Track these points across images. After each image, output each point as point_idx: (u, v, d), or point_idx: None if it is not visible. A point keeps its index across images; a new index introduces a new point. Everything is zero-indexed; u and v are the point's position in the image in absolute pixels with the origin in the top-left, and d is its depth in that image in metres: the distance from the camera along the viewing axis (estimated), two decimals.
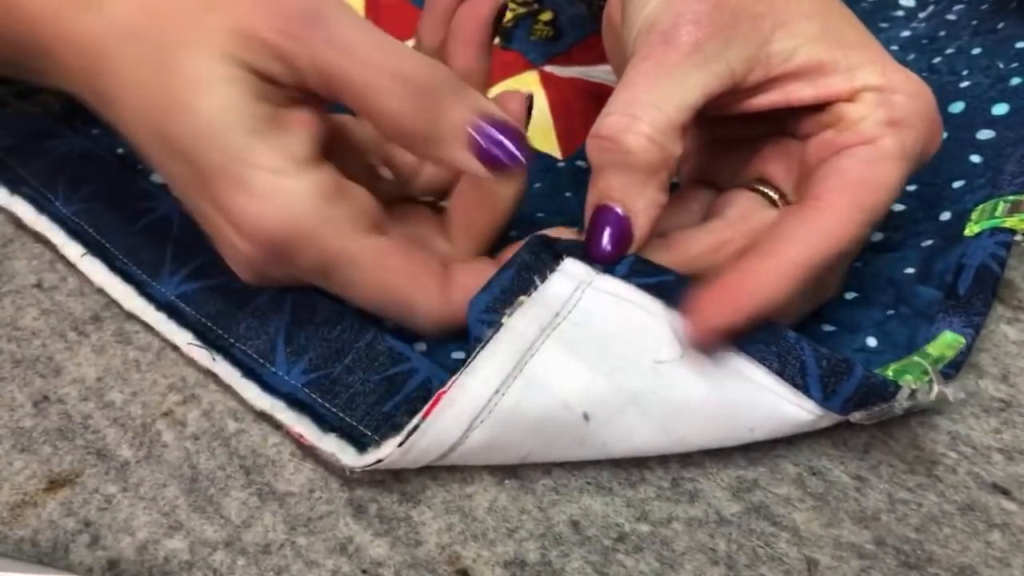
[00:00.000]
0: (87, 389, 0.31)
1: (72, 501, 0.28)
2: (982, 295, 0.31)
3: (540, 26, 0.50)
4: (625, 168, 0.28)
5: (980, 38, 0.45)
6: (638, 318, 0.28)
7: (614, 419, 0.27)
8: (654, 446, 0.28)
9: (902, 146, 0.29)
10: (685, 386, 0.27)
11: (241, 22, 0.27)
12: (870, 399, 0.27)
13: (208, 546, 0.27)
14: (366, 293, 0.29)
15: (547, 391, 0.27)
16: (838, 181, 0.28)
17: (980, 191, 0.36)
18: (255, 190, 0.27)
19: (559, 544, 0.27)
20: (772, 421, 0.28)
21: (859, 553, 0.27)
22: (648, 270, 0.28)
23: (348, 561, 0.27)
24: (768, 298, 0.26)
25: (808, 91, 0.29)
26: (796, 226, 0.28)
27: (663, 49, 0.28)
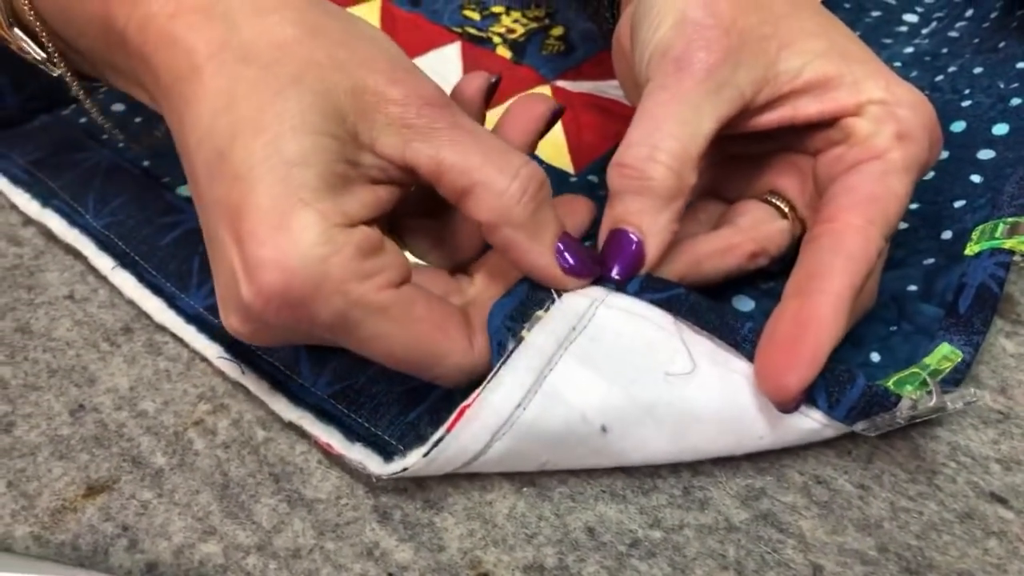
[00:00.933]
0: (120, 398, 0.32)
1: (110, 506, 0.29)
2: (982, 314, 0.32)
3: (552, 41, 0.51)
4: (644, 193, 0.29)
5: (982, 57, 0.46)
6: (650, 332, 0.29)
7: (630, 430, 0.28)
8: (667, 454, 0.29)
9: (909, 158, 0.30)
10: (697, 398, 0.28)
11: (372, 90, 0.27)
12: (872, 409, 0.28)
13: (241, 550, 0.28)
14: (391, 346, 0.28)
15: (566, 405, 0.28)
16: (850, 200, 0.29)
17: (980, 211, 0.37)
18: (295, 226, 0.25)
19: (575, 549, 0.29)
20: (780, 429, 0.29)
21: (862, 559, 0.29)
22: (659, 286, 0.29)
23: (375, 565, 0.28)
24: (833, 336, 0.27)
25: (815, 106, 0.31)
26: (829, 258, 0.29)
27: (677, 77, 0.29)
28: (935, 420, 0.32)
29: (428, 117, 0.27)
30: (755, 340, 0.29)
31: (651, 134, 0.29)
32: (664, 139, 0.29)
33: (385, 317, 0.27)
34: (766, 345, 0.28)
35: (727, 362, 0.29)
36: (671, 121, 0.29)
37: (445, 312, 0.29)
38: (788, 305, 0.29)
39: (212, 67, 0.27)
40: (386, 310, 0.27)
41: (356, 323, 0.26)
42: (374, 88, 0.27)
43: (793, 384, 0.27)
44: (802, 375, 0.27)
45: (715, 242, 0.32)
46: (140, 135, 0.40)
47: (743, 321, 0.29)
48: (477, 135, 0.28)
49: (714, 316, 0.29)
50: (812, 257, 0.29)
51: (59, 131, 0.42)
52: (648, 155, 0.29)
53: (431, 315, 0.28)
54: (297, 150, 0.25)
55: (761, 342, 0.28)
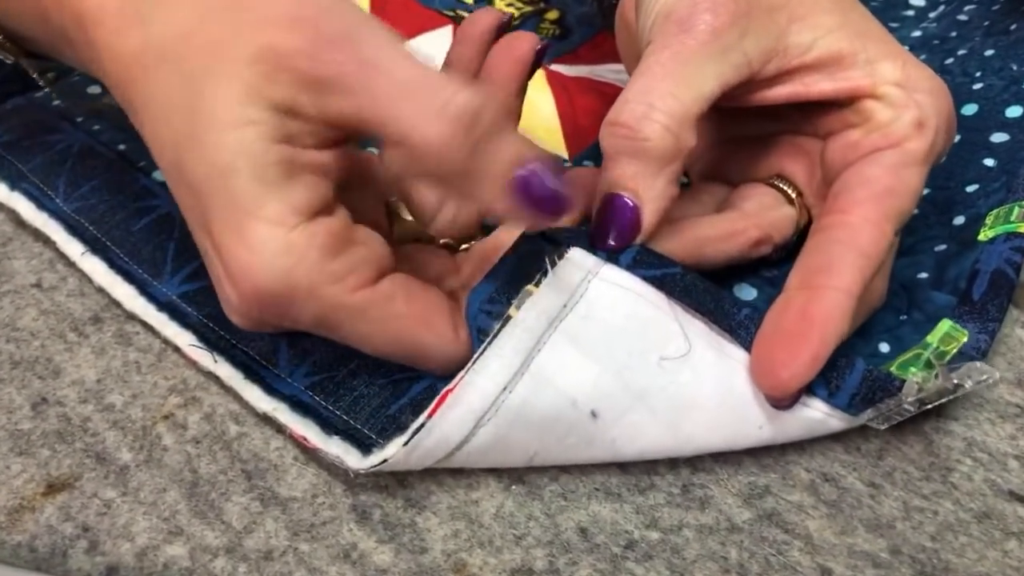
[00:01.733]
0: (86, 391, 0.30)
1: (70, 505, 0.27)
2: (997, 300, 0.31)
3: (547, 25, 0.50)
4: (639, 156, 0.27)
5: (993, 39, 0.44)
6: (644, 312, 0.27)
7: (622, 417, 0.27)
8: (663, 446, 0.28)
9: (927, 148, 0.28)
10: (692, 384, 0.27)
11: (271, 49, 0.25)
12: (876, 394, 0.26)
13: (209, 552, 0.26)
14: (375, 344, 0.27)
15: (555, 388, 0.26)
16: (866, 192, 0.28)
17: (994, 195, 0.35)
18: (251, 241, 0.25)
19: (567, 551, 0.27)
20: (780, 419, 0.27)
21: (874, 562, 0.27)
22: (652, 261, 0.28)
23: (352, 568, 0.26)
24: (838, 335, 0.26)
25: (827, 84, 0.29)
26: (840, 252, 0.27)
27: (680, 38, 0.27)
28: (949, 414, 0.31)
29: (334, 62, 0.25)
30: (751, 327, 0.27)
31: (648, 91, 0.27)
32: (662, 97, 0.27)
33: (363, 318, 0.26)
34: (767, 336, 0.27)
35: (721, 347, 0.27)
36: (671, 79, 0.27)
37: (429, 303, 0.28)
38: (793, 298, 0.27)
39: (139, 73, 0.26)
40: (363, 311, 0.26)
41: (336, 324, 0.26)
42: (271, 44, 0.25)
43: (791, 381, 0.26)
44: (801, 373, 0.26)
45: (719, 225, 0.31)
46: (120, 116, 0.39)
47: (740, 307, 0.28)
48: (391, 71, 0.25)
49: (709, 299, 0.28)
50: (821, 249, 0.28)
51: (31, 113, 0.41)
52: (644, 113, 0.27)
53: (412, 309, 0.27)
54: (226, 158, 0.25)
55: (761, 332, 0.27)
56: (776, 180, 0.33)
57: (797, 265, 0.28)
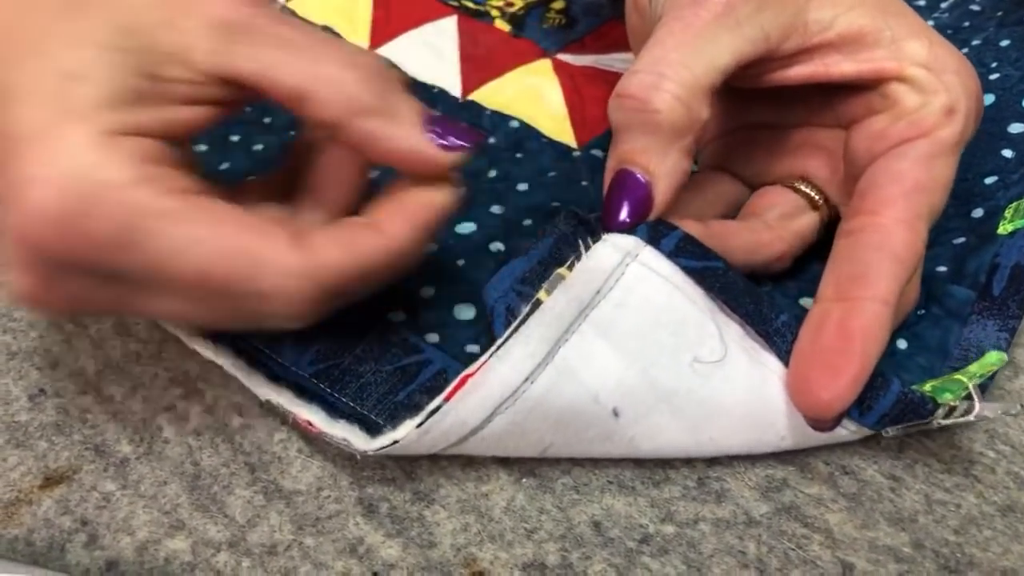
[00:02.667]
0: (86, 383, 0.30)
1: (69, 499, 0.27)
2: (1018, 296, 0.30)
3: (552, 14, 0.49)
4: (649, 129, 0.26)
5: (1007, 30, 0.44)
6: (681, 307, 0.26)
7: (644, 418, 0.26)
8: (681, 446, 0.27)
9: (959, 136, 0.27)
10: (723, 389, 0.26)
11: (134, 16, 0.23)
12: (907, 416, 0.25)
13: (211, 547, 0.26)
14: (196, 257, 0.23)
15: (578, 382, 0.25)
16: (897, 190, 0.27)
17: (1013, 187, 0.34)
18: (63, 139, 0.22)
19: (580, 546, 0.26)
20: (803, 431, 0.26)
21: (896, 556, 0.26)
22: (696, 251, 0.26)
23: (358, 563, 0.25)
24: (880, 349, 0.25)
25: (850, 65, 0.28)
26: (875, 258, 0.26)
27: (694, 10, 0.26)
28: None
29: (248, 14, 0.24)
30: (787, 335, 0.26)
31: (658, 62, 0.26)
32: (672, 66, 0.26)
33: (177, 221, 0.23)
34: (805, 354, 0.25)
35: (756, 353, 0.26)
36: (682, 49, 0.26)
37: (257, 217, 0.24)
38: (830, 311, 0.26)
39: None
40: (177, 213, 0.23)
41: (146, 235, 0.22)
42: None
43: (833, 403, 0.24)
44: (844, 395, 0.24)
45: (744, 236, 0.30)
46: None
47: (778, 312, 0.26)
48: (303, 31, 0.25)
49: (749, 300, 0.26)
50: (855, 256, 0.26)
51: None
52: (653, 83, 0.25)
53: (237, 217, 0.24)
54: (75, 63, 0.22)
55: (799, 348, 0.26)
56: (799, 183, 0.31)
57: (829, 272, 0.27)
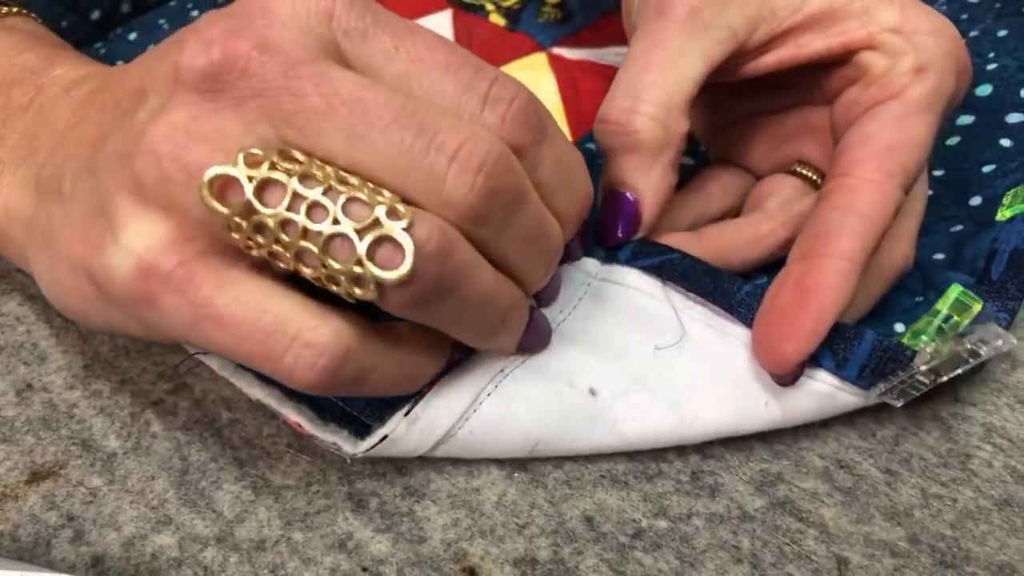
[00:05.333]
0: (73, 377, 0.29)
1: (55, 494, 0.26)
2: (1016, 280, 0.30)
3: (548, 8, 0.49)
4: (631, 150, 0.27)
5: (1005, 20, 0.43)
6: (641, 304, 0.28)
7: (622, 396, 0.27)
8: (668, 426, 0.27)
9: (931, 94, 0.27)
10: (692, 367, 0.27)
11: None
12: (888, 365, 0.25)
13: (198, 542, 0.25)
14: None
15: (551, 372, 0.26)
16: (866, 151, 0.27)
17: (1011, 175, 0.34)
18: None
19: (572, 541, 0.26)
20: (785, 393, 0.27)
21: (892, 551, 0.26)
22: (651, 251, 0.28)
23: (347, 558, 0.25)
24: (838, 304, 0.25)
25: (820, 42, 0.28)
26: (838, 217, 0.26)
27: (660, 23, 0.27)
28: (967, 399, 0.29)
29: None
30: (752, 304, 0.27)
31: (632, 84, 0.27)
32: (646, 88, 0.27)
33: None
34: (764, 312, 0.26)
35: (723, 327, 0.27)
36: (653, 69, 0.27)
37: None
38: (792, 270, 0.26)
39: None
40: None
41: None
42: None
43: (791, 354, 0.25)
44: (801, 346, 0.25)
45: (743, 231, 0.30)
46: None
47: (740, 285, 0.27)
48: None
49: (708, 280, 0.27)
50: (821, 216, 0.27)
51: None
52: (630, 107, 0.27)
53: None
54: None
55: (760, 309, 0.26)
56: (797, 167, 0.32)
57: (798, 238, 0.27)
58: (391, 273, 0.19)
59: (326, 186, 0.20)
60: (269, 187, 0.20)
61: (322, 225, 0.19)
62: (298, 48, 0.20)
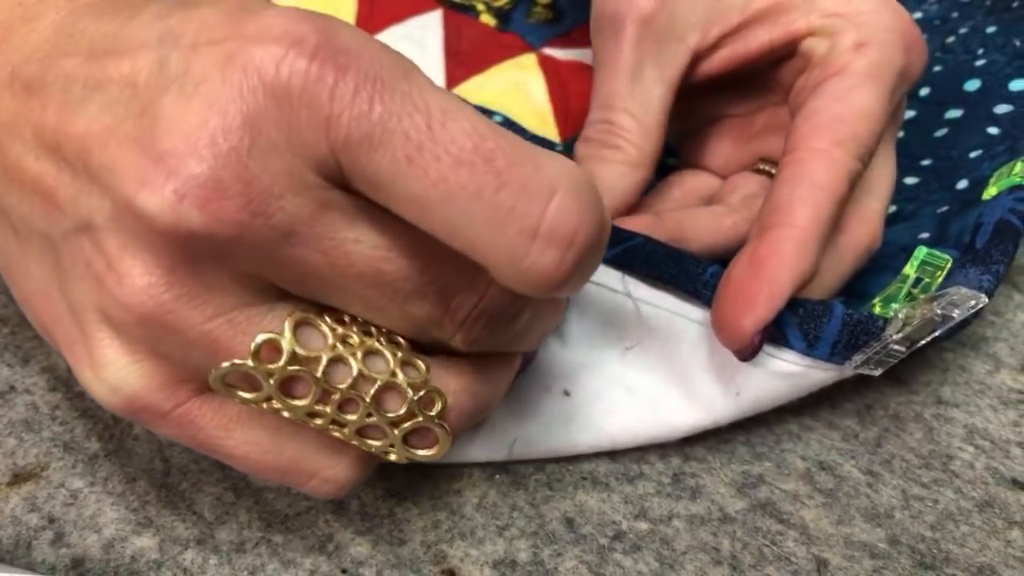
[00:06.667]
0: (56, 379, 0.29)
1: (36, 496, 0.26)
2: (1001, 246, 0.28)
3: (539, 9, 0.49)
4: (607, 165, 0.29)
5: (995, 17, 0.43)
6: (608, 301, 0.27)
7: (597, 397, 0.27)
8: (648, 425, 0.27)
9: (874, 66, 0.27)
10: (657, 366, 0.27)
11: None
12: (860, 338, 0.25)
13: (178, 544, 0.25)
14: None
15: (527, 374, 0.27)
16: (812, 125, 0.27)
17: (998, 158, 0.34)
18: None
19: (552, 543, 0.26)
20: (755, 379, 0.26)
21: (871, 552, 0.26)
22: (614, 238, 0.27)
23: (327, 560, 0.25)
24: (794, 273, 0.25)
25: (764, 35, 0.28)
26: (790, 189, 0.26)
27: (615, 46, 0.29)
28: (949, 400, 0.29)
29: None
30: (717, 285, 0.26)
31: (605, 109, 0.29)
32: (618, 115, 0.28)
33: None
34: (721, 288, 0.26)
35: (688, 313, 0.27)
36: (616, 98, 0.29)
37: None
38: (748, 245, 0.26)
39: None
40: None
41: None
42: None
43: (747, 325, 0.24)
44: (757, 315, 0.24)
45: (702, 219, 0.30)
46: None
47: (705, 266, 0.26)
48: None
49: (672, 264, 0.27)
50: (774, 192, 0.26)
51: None
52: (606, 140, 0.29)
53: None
54: None
55: (718, 287, 0.26)
56: (761, 164, 0.32)
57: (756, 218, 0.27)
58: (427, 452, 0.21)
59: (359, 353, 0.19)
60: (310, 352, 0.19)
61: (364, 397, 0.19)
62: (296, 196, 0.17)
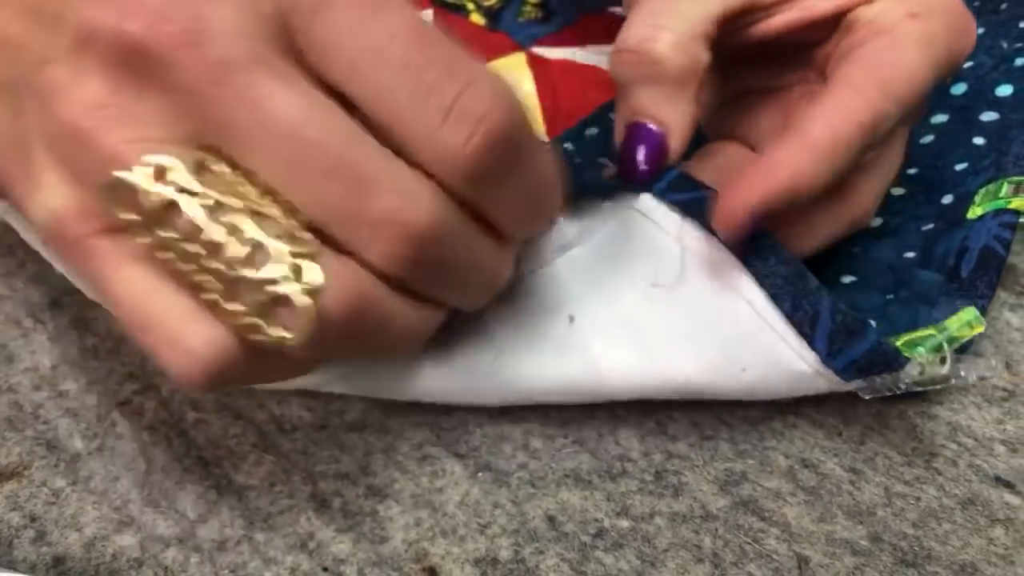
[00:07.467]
0: (40, 378, 0.29)
1: (18, 495, 0.26)
2: (986, 277, 0.29)
3: (529, 8, 0.49)
4: (654, 80, 0.27)
5: (983, 18, 0.43)
6: (655, 239, 0.27)
7: (601, 329, 0.27)
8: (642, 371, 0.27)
9: (924, 32, 0.26)
10: (678, 314, 0.27)
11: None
12: (876, 367, 0.25)
13: (160, 542, 0.25)
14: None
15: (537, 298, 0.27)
16: (856, 62, 0.26)
17: (984, 173, 0.34)
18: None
19: (534, 540, 0.26)
20: (766, 363, 0.26)
21: (853, 550, 0.26)
22: (686, 186, 0.27)
23: (308, 558, 0.25)
24: (800, 175, 0.24)
25: (830, 2, 0.28)
26: (817, 108, 0.25)
27: None
28: (933, 398, 0.29)
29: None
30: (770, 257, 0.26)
31: (653, 14, 0.27)
32: (668, 18, 0.26)
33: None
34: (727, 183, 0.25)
35: (730, 278, 0.26)
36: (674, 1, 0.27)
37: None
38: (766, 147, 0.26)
39: None
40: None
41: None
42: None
43: (738, 207, 0.24)
44: (752, 199, 0.24)
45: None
46: None
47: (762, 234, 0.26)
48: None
49: None
50: (803, 109, 0.26)
51: None
52: (651, 35, 0.26)
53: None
54: None
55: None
56: None
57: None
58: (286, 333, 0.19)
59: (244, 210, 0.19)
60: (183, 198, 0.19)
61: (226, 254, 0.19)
62: (236, 40, 0.19)
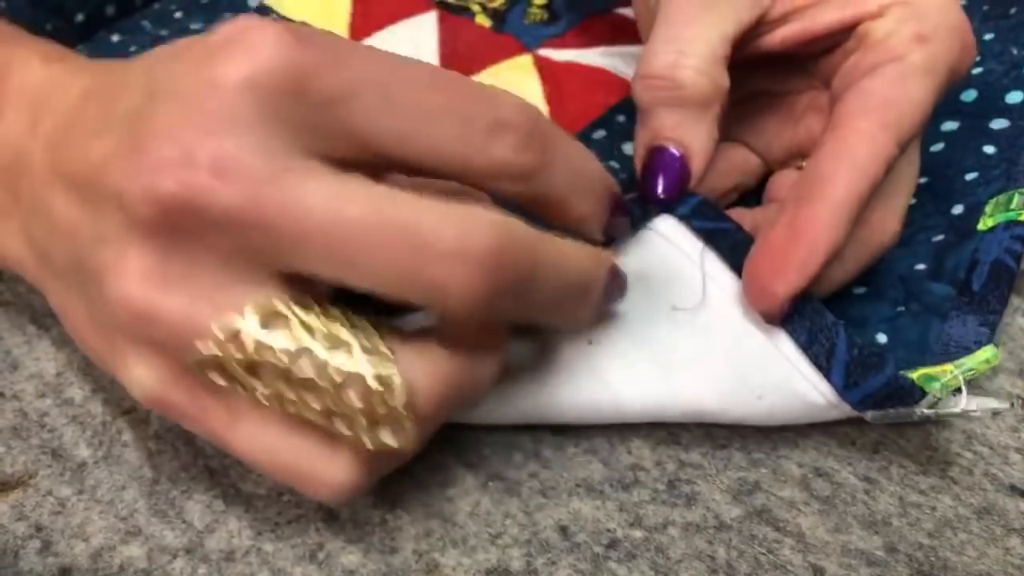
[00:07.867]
0: (45, 385, 0.29)
1: (24, 504, 0.26)
2: (997, 292, 0.29)
3: (535, 9, 0.48)
4: (678, 104, 0.27)
5: (992, 23, 0.43)
6: (675, 263, 0.27)
7: (619, 356, 0.27)
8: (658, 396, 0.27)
9: (931, 61, 0.27)
10: (696, 338, 0.27)
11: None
12: (890, 400, 0.25)
13: (167, 553, 0.25)
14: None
15: None
16: (863, 104, 0.27)
17: (994, 183, 0.34)
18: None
19: (546, 551, 0.25)
20: (781, 393, 0.26)
21: (868, 560, 0.25)
22: (710, 214, 0.28)
23: (318, 569, 0.25)
24: (830, 245, 0.25)
25: (834, 14, 0.28)
26: (833, 164, 0.26)
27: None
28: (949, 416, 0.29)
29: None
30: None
31: (674, 39, 0.27)
32: (690, 42, 0.27)
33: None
34: (755, 252, 0.26)
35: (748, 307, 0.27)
36: (696, 23, 0.27)
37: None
38: (786, 210, 0.26)
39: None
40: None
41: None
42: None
43: (780, 291, 0.25)
44: (791, 281, 0.25)
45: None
46: None
47: None
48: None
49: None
50: (815, 163, 0.27)
51: None
52: (675, 61, 0.27)
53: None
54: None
55: (752, 248, 0.26)
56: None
57: (795, 184, 0.27)
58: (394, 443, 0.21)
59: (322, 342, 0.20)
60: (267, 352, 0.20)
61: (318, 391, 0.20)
62: (261, 158, 0.19)
